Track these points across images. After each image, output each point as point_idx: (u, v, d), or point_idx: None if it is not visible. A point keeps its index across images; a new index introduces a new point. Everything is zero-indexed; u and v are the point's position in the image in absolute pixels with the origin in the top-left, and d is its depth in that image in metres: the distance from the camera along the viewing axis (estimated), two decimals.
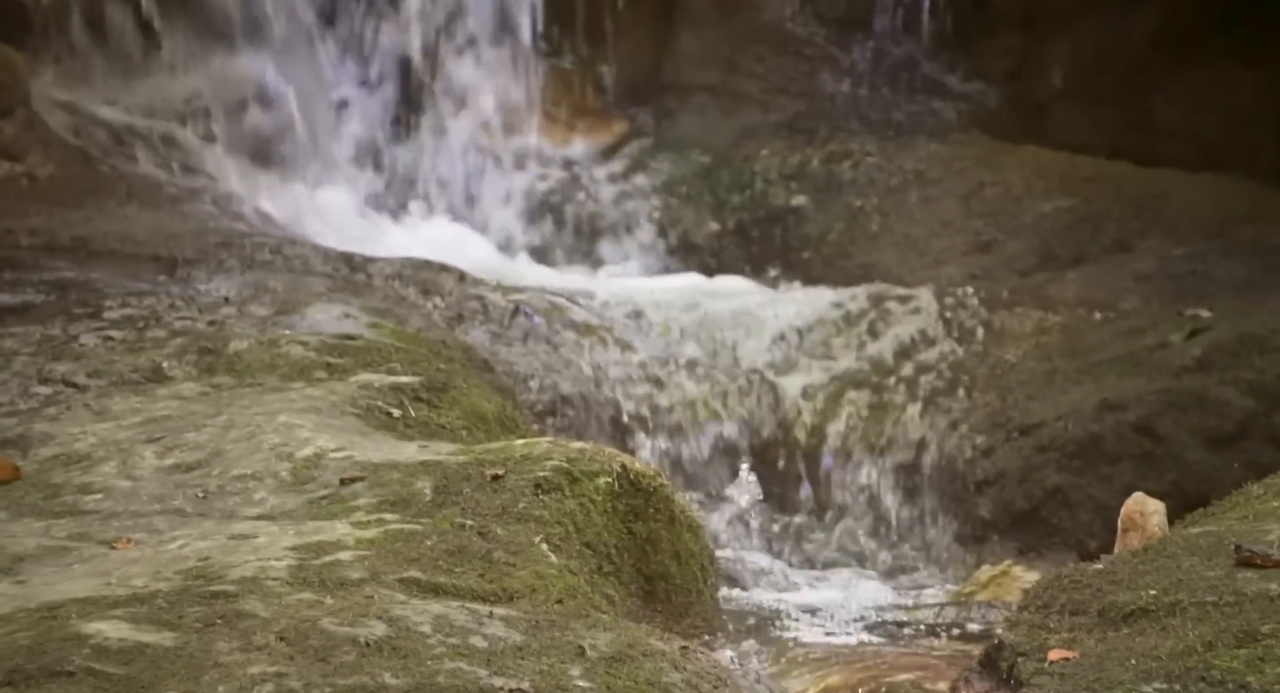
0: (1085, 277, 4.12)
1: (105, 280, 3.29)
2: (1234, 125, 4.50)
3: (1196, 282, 3.93)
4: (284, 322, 3.16)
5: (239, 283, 3.43)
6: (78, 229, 3.72)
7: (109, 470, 2.37)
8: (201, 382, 2.79)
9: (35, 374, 2.73)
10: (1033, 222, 4.40)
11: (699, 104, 5.02)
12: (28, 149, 4.00)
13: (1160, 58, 4.68)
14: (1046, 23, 4.88)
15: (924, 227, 4.51)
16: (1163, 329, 3.63)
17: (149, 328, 2.98)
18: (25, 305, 3.06)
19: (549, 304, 3.82)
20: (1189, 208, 4.30)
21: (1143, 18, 4.73)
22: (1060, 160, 4.57)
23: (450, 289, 3.77)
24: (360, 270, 3.75)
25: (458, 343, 3.39)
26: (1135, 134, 4.68)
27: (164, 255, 3.58)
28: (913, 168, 4.66)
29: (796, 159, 4.79)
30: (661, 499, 2.34)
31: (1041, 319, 3.88)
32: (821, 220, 4.66)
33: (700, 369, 3.77)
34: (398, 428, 2.68)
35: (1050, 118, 4.84)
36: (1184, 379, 3.43)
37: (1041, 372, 3.66)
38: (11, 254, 3.45)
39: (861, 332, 3.92)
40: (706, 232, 4.74)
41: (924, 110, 4.87)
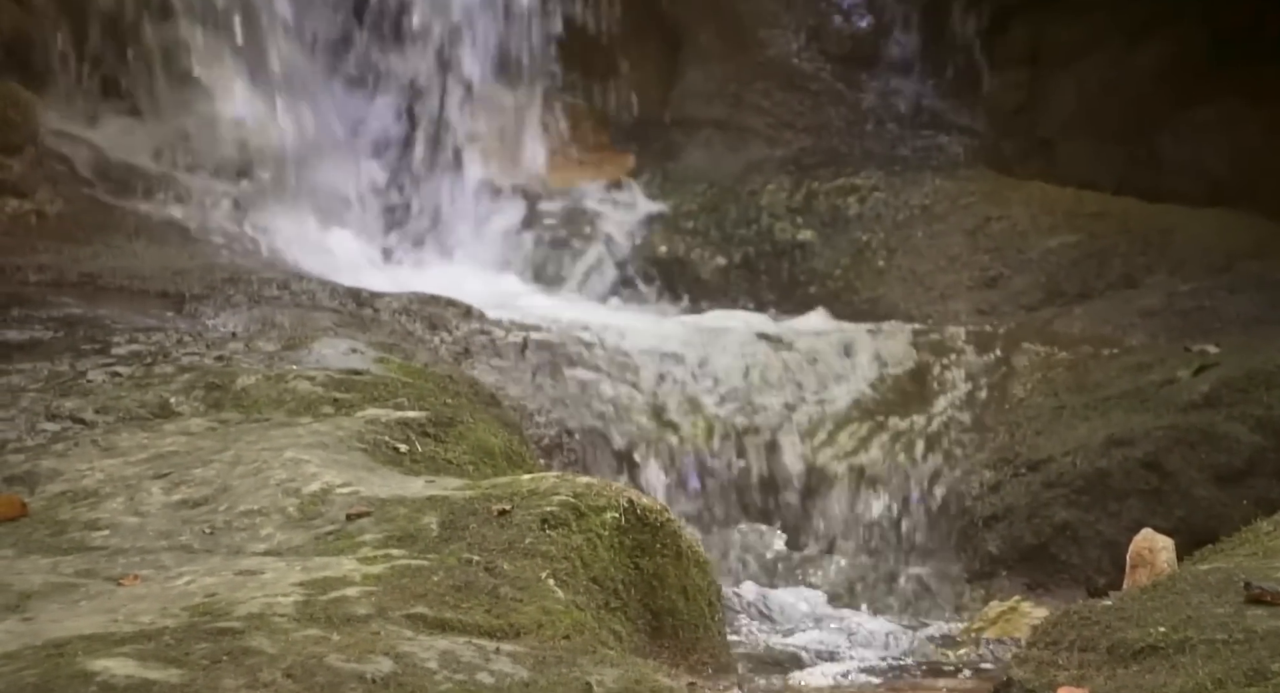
0: (1092, 312, 4.12)
1: (113, 316, 3.30)
2: (1240, 161, 4.50)
3: (1203, 317, 3.92)
4: (291, 357, 3.16)
5: (246, 318, 3.43)
6: (86, 265, 3.73)
7: (116, 506, 2.37)
8: (209, 417, 2.79)
9: (43, 410, 2.73)
10: (1039, 257, 4.40)
11: (706, 139, 5.03)
12: (36, 186, 4.02)
13: (1166, 94, 4.70)
14: (1052, 59, 4.90)
15: (930, 262, 4.51)
16: (1170, 365, 3.63)
17: (156, 364, 2.99)
18: (33, 342, 3.06)
19: (556, 339, 3.82)
20: (1196, 243, 4.30)
21: (1148, 54, 4.75)
22: (1066, 196, 4.57)
23: (457, 324, 3.78)
24: (367, 305, 3.76)
25: (464, 378, 3.39)
26: (1141, 170, 4.69)
27: (171, 291, 3.59)
28: (919, 203, 4.67)
29: (803, 194, 4.80)
30: (668, 534, 2.33)
31: (1048, 354, 3.87)
32: (828, 255, 4.66)
33: (707, 403, 3.77)
34: (404, 463, 2.67)
35: (1056, 153, 4.86)
36: (1192, 415, 3.43)
37: (1049, 407, 3.65)
38: (20, 290, 3.47)
39: (869, 366, 3.91)
40: (713, 266, 4.75)
41: (930, 145, 4.88)
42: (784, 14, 4.91)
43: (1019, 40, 4.91)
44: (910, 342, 3.99)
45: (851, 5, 4.90)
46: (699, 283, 4.73)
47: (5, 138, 3.93)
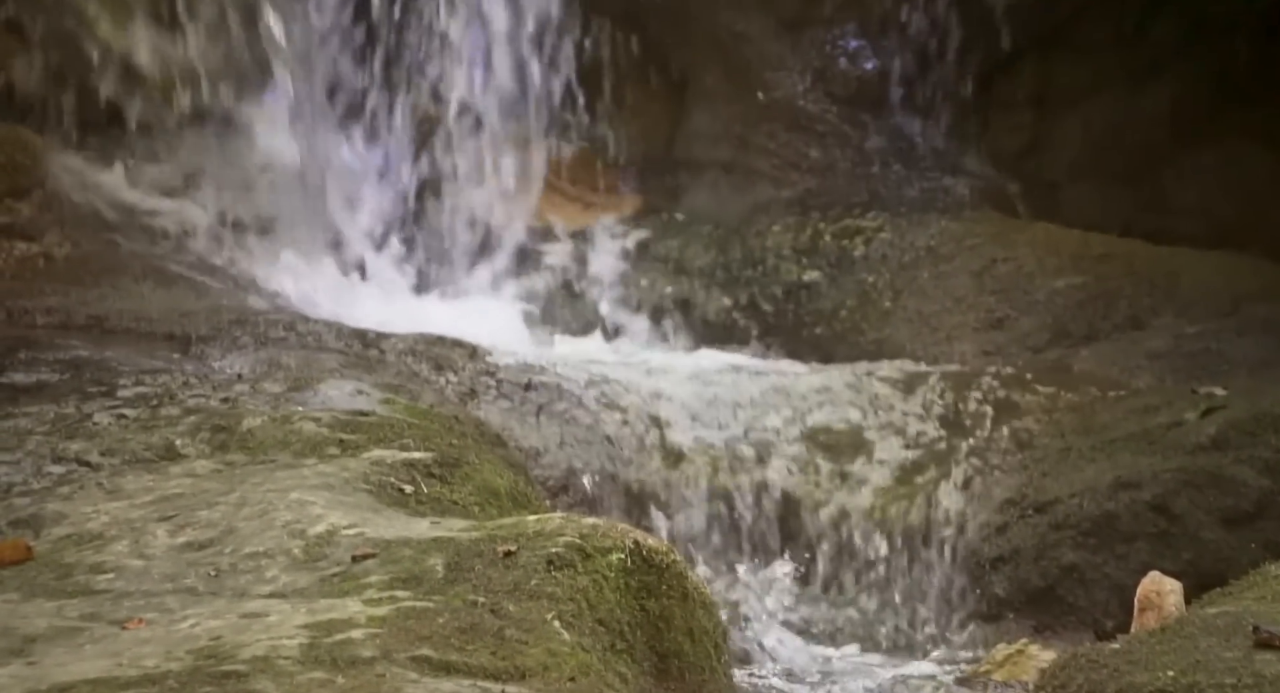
0: (1098, 354, 4.12)
1: (120, 358, 3.30)
2: (1246, 204, 4.51)
3: (1210, 360, 3.92)
4: (297, 398, 3.16)
5: (252, 360, 3.44)
6: (93, 308, 3.75)
7: (121, 549, 2.37)
8: (214, 459, 2.79)
9: (49, 453, 2.74)
10: (1045, 298, 4.40)
11: (712, 180, 5.04)
12: (45, 229, 4.04)
13: (1171, 136, 4.71)
14: (1057, 101, 4.91)
15: (936, 303, 4.51)
16: (1177, 407, 3.62)
17: (163, 406, 2.99)
18: (40, 385, 3.07)
19: (561, 379, 3.82)
20: (1202, 286, 4.30)
21: (1153, 97, 4.76)
22: (1072, 237, 4.58)
23: (463, 365, 3.78)
24: (373, 346, 3.76)
25: (470, 418, 3.39)
26: (1147, 212, 4.70)
27: (178, 333, 3.60)
28: (925, 244, 4.67)
29: (809, 235, 4.81)
30: (674, 576, 2.33)
31: (1055, 396, 3.87)
32: (834, 296, 4.67)
33: (713, 443, 3.77)
34: (410, 504, 2.67)
35: (1062, 195, 4.87)
36: (1199, 458, 3.42)
37: (1056, 449, 3.65)
38: (27, 333, 3.48)
39: (876, 407, 3.91)
40: (719, 307, 4.75)
41: (936, 187, 4.89)
42: (789, 56, 4.92)
43: (1024, 83, 4.93)
44: (917, 382, 3.98)
45: (857, 48, 4.92)
46: (705, 323, 4.74)
47: (14, 181, 3.95)
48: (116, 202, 4.38)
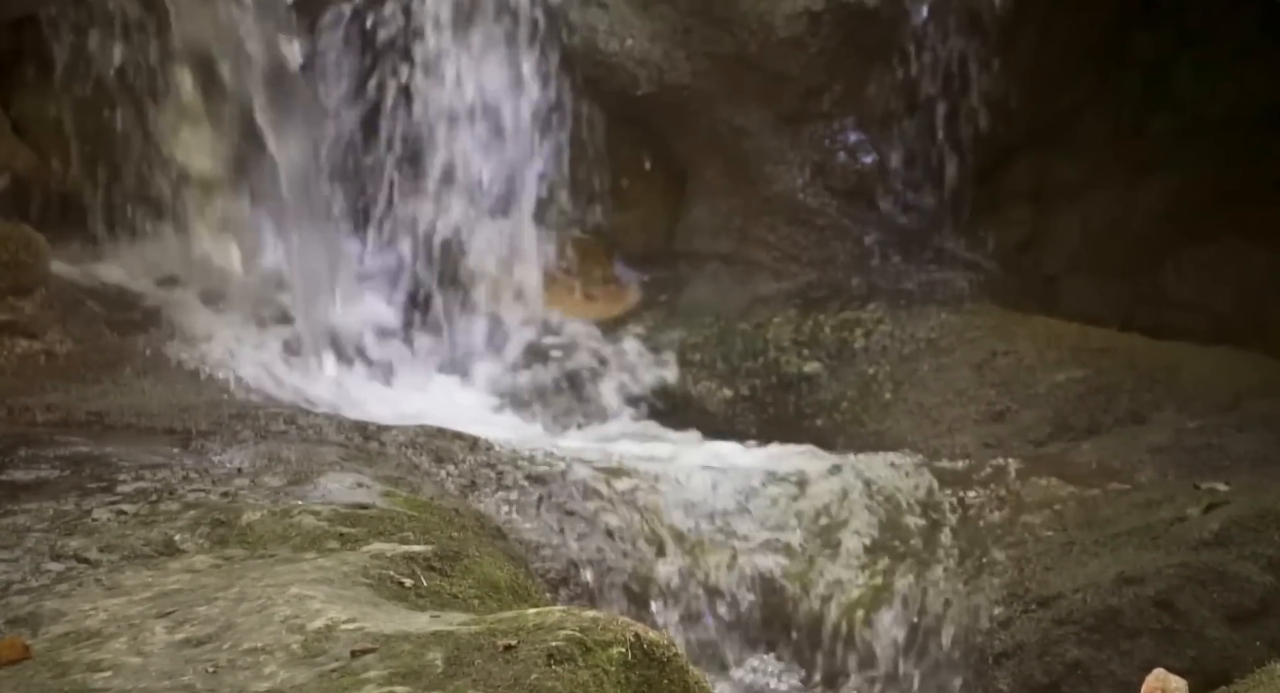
0: (1100, 447, 4.11)
1: (120, 454, 3.30)
2: (1245, 300, 4.53)
3: (1212, 455, 3.91)
4: (297, 492, 3.16)
5: (252, 454, 3.44)
6: (94, 404, 3.75)
7: (119, 647, 2.35)
8: (213, 554, 2.78)
9: (48, 550, 2.73)
10: (1046, 392, 4.40)
11: (712, 272, 5.07)
12: (47, 326, 4.06)
13: (1169, 232, 4.75)
14: (1055, 195, 4.95)
15: (937, 395, 4.52)
16: (1180, 502, 3.61)
17: (162, 501, 2.98)
18: (39, 481, 3.07)
19: (562, 471, 3.82)
20: (1202, 381, 4.30)
21: (1150, 193, 4.80)
22: (1072, 331, 4.59)
23: (463, 457, 3.78)
24: (374, 439, 3.76)
25: (470, 511, 3.38)
26: (1146, 306, 4.72)
27: (179, 428, 3.60)
28: (925, 336, 4.68)
29: (809, 326, 4.82)
30: (675, 669, 2.31)
31: (1057, 490, 3.86)
32: (835, 388, 4.67)
33: (715, 536, 3.75)
34: (410, 598, 2.66)
35: (1061, 289, 4.89)
36: (1202, 554, 3.41)
37: (1058, 543, 3.63)
38: (27, 431, 3.48)
39: (877, 499, 3.90)
40: (719, 398, 4.76)
41: (935, 280, 4.91)
42: (789, 150, 4.96)
43: (1022, 177, 4.97)
44: (918, 475, 3.98)
45: (856, 142, 4.96)
46: (705, 415, 4.74)
47: (16, 279, 3.98)
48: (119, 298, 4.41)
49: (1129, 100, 4.88)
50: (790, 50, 4.83)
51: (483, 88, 4.98)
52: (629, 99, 4.97)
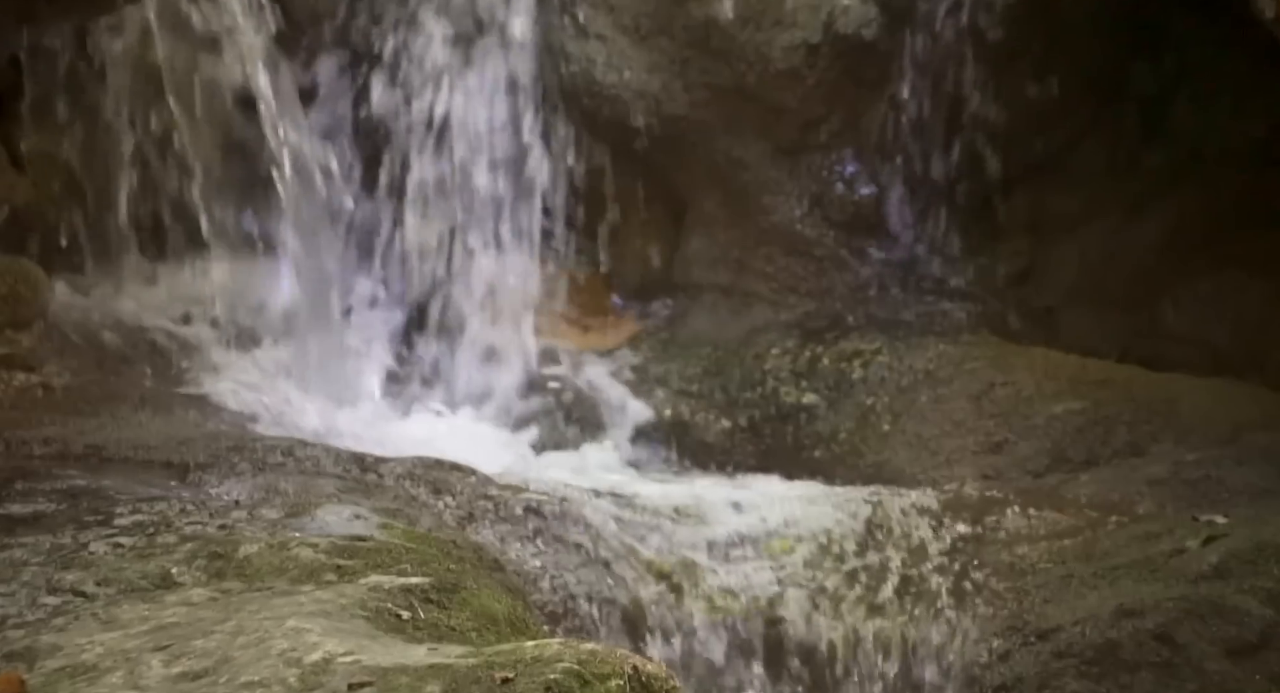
0: (1098, 479, 4.10)
1: (117, 487, 3.29)
2: (1243, 333, 4.53)
3: (1211, 487, 3.90)
4: (294, 524, 3.15)
5: (250, 486, 3.43)
6: (91, 437, 3.75)
7: (115, 681, 2.35)
8: (210, 587, 2.77)
9: (44, 584, 2.72)
10: (1044, 423, 4.39)
11: (710, 303, 5.07)
12: (45, 360, 4.07)
13: (1167, 265, 4.75)
14: (1053, 227, 4.95)
15: (935, 426, 4.52)
16: (1178, 535, 3.60)
17: (159, 534, 2.98)
18: (36, 515, 3.06)
19: (560, 503, 3.82)
20: (1201, 413, 4.30)
21: (1149, 225, 4.80)
22: (1070, 363, 4.59)
23: (461, 488, 3.77)
24: (371, 471, 3.76)
25: (468, 543, 3.37)
26: (1144, 338, 4.72)
27: (176, 461, 3.60)
28: (923, 368, 4.69)
29: (807, 357, 4.82)
30: None
31: (1055, 522, 3.85)
32: (833, 419, 4.67)
33: (714, 569, 3.75)
34: (407, 630, 2.65)
35: (1059, 320, 4.89)
36: (1202, 587, 3.40)
37: (1057, 575, 3.62)
38: (24, 464, 3.48)
39: (874, 530, 3.90)
40: (717, 429, 4.76)
41: (933, 311, 4.91)
42: (787, 182, 4.97)
43: (1020, 209, 4.98)
44: (916, 507, 3.97)
45: (853, 173, 4.97)
46: (703, 446, 4.74)
47: (15, 313, 3.98)
48: (116, 329, 4.41)
49: (1127, 133, 4.89)
50: (788, 82, 4.85)
51: (480, 120, 4.99)
52: (627, 130, 4.98)
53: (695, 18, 4.87)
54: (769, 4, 4.82)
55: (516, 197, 5.01)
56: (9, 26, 3.54)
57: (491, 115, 4.99)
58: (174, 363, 4.43)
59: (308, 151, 4.84)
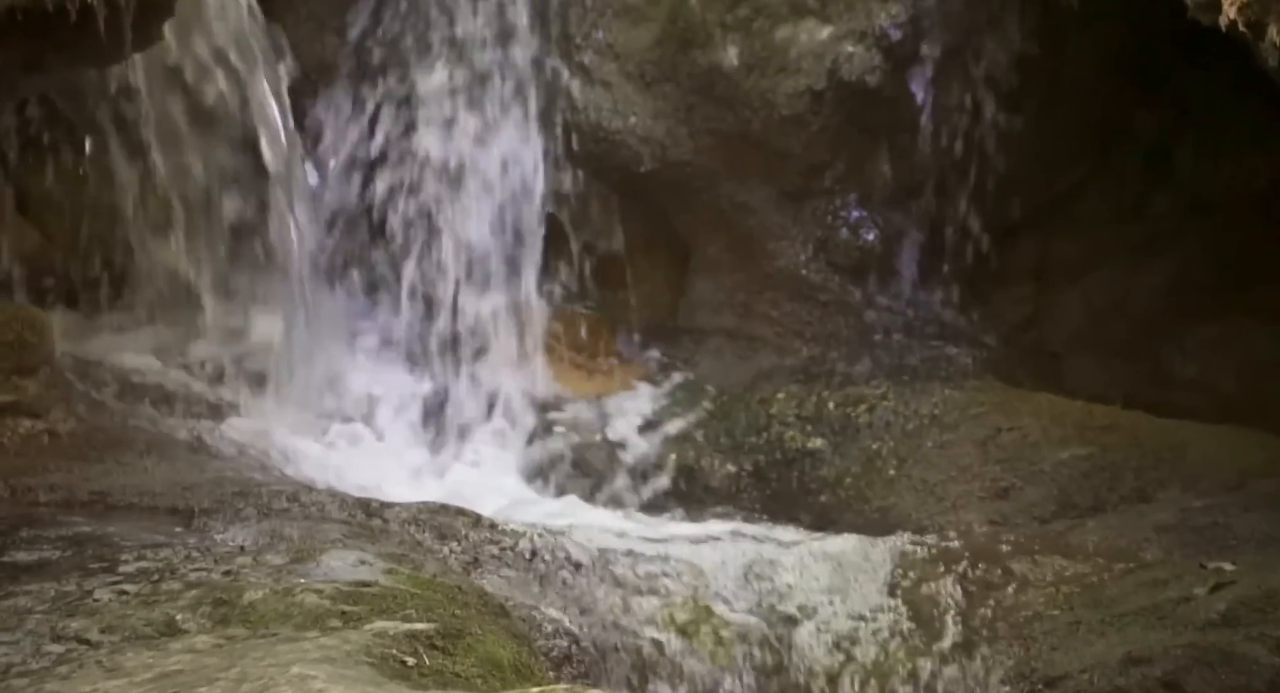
0: (1105, 526, 4.09)
1: (122, 534, 3.30)
2: (1249, 379, 4.53)
3: (1218, 534, 3.89)
4: (299, 570, 3.15)
5: (255, 532, 3.43)
6: (96, 483, 3.76)
7: None
8: (215, 634, 2.77)
9: (48, 632, 2.72)
10: (1050, 469, 4.38)
11: (715, 347, 5.07)
12: (50, 406, 4.08)
13: (1172, 310, 4.75)
14: (1058, 274, 4.96)
15: (941, 471, 4.51)
16: (1186, 582, 3.59)
17: (164, 580, 2.98)
18: (41, 562, 3.06)
19: (565, 548, 3.81)
20: (1208, 460, 4.29)
21: (1153, 272, 4.81)
22: (1076, 408, 4.58)
23: (466, 533, 3.77)
24: (376, 516, 3.75)
25: (473, 588, 3.37)
26: (1149, 385, 4.71)
27: (181, 507, 3.60)
28: (929, 412, 4.68)
29: (812, 402, 4.82)
30: None
31: (1063, 568, 3.83)
32: (838, 464, 4.67)
33: (719, 614, 3.74)
34: (412, 677, 2.65)
35: (1064, 366, 4.89)
36: (1210, 634, 3.38)
37: (1064, 622, 3.61)
38: (30, 511, 3.49)
39: (881, 576, 3.88)
40: (723, 474, 4.75)
41: (938, 356, 4.91)
42: (791, 226, 4.98)
43: (1025, 255, 4.98)
44: (922, 553, 3.96)
45: (858, 218, 4.97)
46: (709, 491, 4.73)
47: (21, 359, 3.99)
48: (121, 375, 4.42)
49: (1131, 179, 4.90)
50: (793, 128, 4.86)
51: (488, 164, 5.01)
52: (632, 175, 5.00)
53: (700, 65, 4.89)
54: (773, 51, 4.84)
55: (521, 240, 5.02)
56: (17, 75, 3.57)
57: (497, 160, 5.01)
58: (180, 408, 4.43)
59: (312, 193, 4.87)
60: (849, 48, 4.80)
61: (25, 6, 3.19)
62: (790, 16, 4.85)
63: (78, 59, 3.74)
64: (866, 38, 4.79)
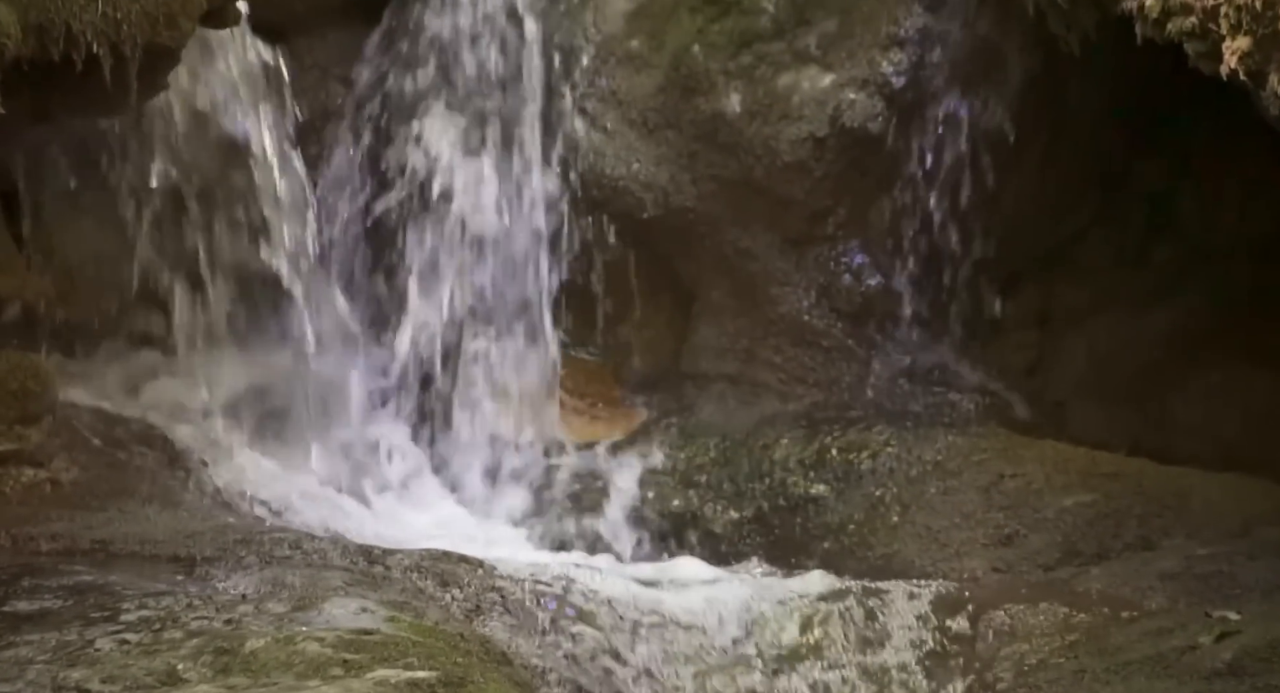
0: (1110, 573, 4.08)
1: (124, 582, 3.29)
2: (1252, 426, 4.52)
3: (1223, 583, 3.88)
4: (301, 618, 3.14)
5: (257, 580, 3.43)
6: (98, 532, 3.76)
7: None
8: (216, 683, 2.76)
9: (49, 682, 2.71)
10: (1054, 516, 4.37)
11: (718, 393, 5.07)
12: (53, 455, 4.08)
13: (1175, 358, 4.75)
14: (1061, 320, 4.96)
15: (945, 518, 4.50)
16: (1191, 631, 3.57)
17: (165, 629, 2.97)
18: (43, 612, 3.06)
19: (568, 595, 3.80)
20: (1212, 507, 4.28)
21: (1156, 319, 4.81)
22: (1080, 455, 4.57)
23: (468, 581, 3.76)
24: (379, 563, 3.75)
25: (476, 636, 3.36)
26: (1153, 431, 4.71)
27: (183, 555, 3.60)
28: (932, 459, 4.67)
29: (815, 448, 4.82)
30: None
31: (1067, 616, 3.82)
32: (842, 510, 4.66)
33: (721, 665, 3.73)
34: None
35: (1068, 413, 4.89)
36: (1215, 684, 3.36)
37: (1069, 671, 3.59)
38: (31, 561, 3.49)
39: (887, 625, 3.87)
40: (726, 520, 4.74)
41: (942, 402, 4.91)
42: (794, 272, 4.99)
43: (1029, 301, 4.99)
44: (927, 601, 3.94)
45: (861, 264, 4.98)
46: (712, 537, 4.73)
47: (24, 408, 4.00)
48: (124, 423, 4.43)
49: (1133, 227, 4.91)
50: (795, 174, 4.88)
51: (491, 210, 5.02)
52: (636, 221, 5.01)
53: (703, 112, 4.92)
54: (776, 98, 4.86)
55: (526, 287, 5.03)
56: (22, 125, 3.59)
57: (501, 206, 5.02)
58: (182, 456, 4.44)
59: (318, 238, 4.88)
60: (851, 95, 4.82)
61: (32, 57, 3.21)
62: (793, 64, 4.88)
63: (84, 109, 3.76)
64: (869, 85, 4.81)
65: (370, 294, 5.04)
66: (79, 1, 3.26)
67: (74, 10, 3.26)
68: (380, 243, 5.05)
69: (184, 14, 3.42)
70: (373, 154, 5.06)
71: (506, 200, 5.02)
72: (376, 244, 5.05)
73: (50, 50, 3.24)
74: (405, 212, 5.03)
